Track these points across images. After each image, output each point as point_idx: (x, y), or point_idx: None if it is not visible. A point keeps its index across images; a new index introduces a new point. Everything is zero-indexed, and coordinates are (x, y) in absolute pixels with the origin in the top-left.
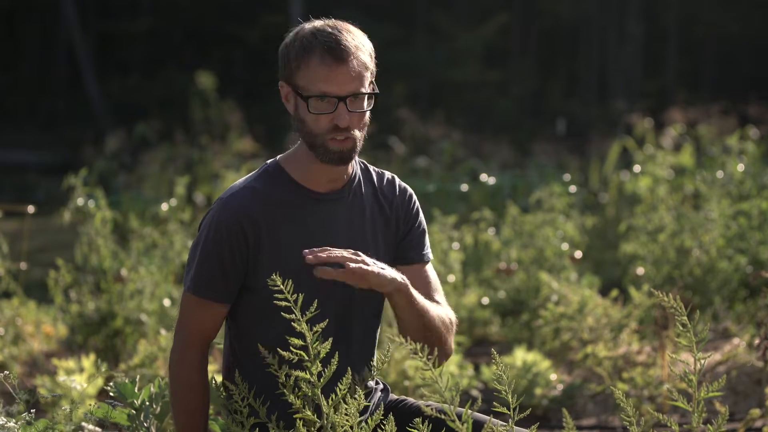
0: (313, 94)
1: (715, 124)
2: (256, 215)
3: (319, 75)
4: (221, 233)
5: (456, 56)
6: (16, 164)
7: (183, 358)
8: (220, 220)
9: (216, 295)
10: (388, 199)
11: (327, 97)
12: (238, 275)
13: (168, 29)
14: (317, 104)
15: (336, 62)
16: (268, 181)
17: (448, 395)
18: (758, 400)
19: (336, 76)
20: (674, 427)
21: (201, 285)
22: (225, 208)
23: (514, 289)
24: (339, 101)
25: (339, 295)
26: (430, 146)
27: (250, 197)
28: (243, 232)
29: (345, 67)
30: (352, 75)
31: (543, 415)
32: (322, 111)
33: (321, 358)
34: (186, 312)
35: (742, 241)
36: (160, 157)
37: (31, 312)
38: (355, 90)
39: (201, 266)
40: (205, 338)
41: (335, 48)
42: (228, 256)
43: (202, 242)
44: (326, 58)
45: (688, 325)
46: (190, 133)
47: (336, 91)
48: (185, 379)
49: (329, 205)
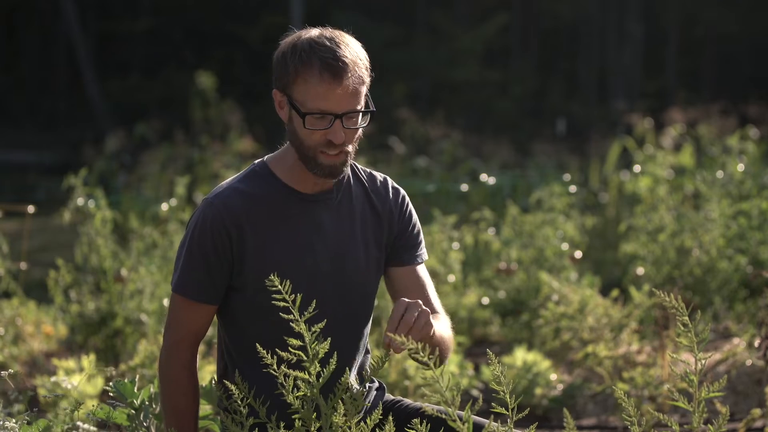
0: (310, 111)
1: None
2: (240, 216)
3: (317, 92)
4: (206, 233)
5: (456, 56)
6: (16, 164)
7: (171, 356)
8: (204, 221)
9: (202, 295)
10: (380, 200)
11: (324, 114)
12: (224, 275)
13: (168, 29)
14: (313, 121)
15: (334, 79)
16: (254, 182)
17: (448, 395)
18: (758, 400)
19: (334, 94)
20: (675, 427)
21: (186, 285)
22: (209, 208)
23: (514, 289)
24: (335, 118)
25: (329, 296)
26: (430, 146)
27: (234, 197)
28: (227, 233)
29: (343, 85)
30: (349, 92)
31: (543, 415)
32: (318, 127)
33: (320, 358)
34: (173, 312)
35: (742, 241)
36: (160, 157)
37: (31, 312)
38: (352, 107)
39: (186, 266)
40: (193, 337)
41: (333, 64)
42: (213, 256)
43: (187, 242)
44: (325, 75)
45: (689, 325)
46: (190, 133)
47: (333, 108)
48: (174, 378)
49: (317, 206)
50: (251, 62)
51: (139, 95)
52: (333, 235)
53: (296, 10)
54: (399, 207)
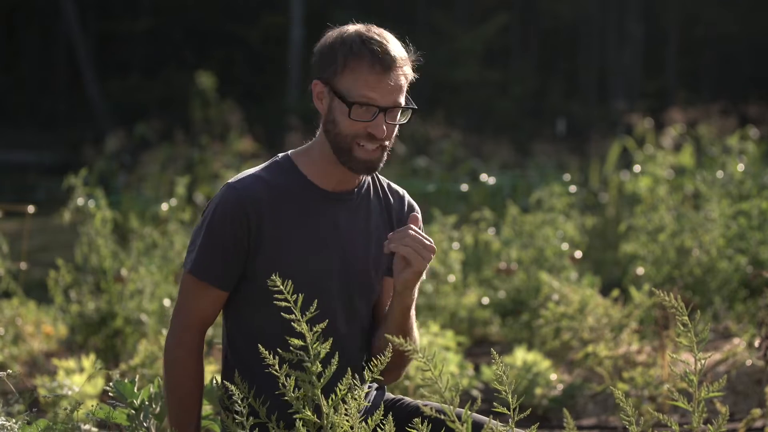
0: (357, 101)
1: (715, 124)
2: (260, 203)
3: (366, 82)
4: (225, 216)
5: (456, 56)
6: (16, 164)
7: (179, 340)
8: (225, 204)
9: (215, 278)
10: (395, 212)
11: (369, 105)
12: (239, 260)
13: (168, 29)
14: (359, 111)
15: (385, 71)
16: (276, 173)
17: (448, 395)
18: (758, 400)
19: (382, 86)
20: (674, 427)
21: (201, 266)
22: (231, 191)
23: (514, 289)
24: (379, 111)
25: (335, 294)
26: (430, 146)
27: (257, 185)
28: (246, 217)
29: (391, 77)
30: (395, 86)
31: (543, 415)
32: (362, 118)
33: (321, 358)
34: (185, 294)
35: (742, 241)
36: (160, 157)
37: (31, 312)
38: (397, 101)
39: (203, 247)
40: (202, 323)
41: (384, 57)
42: (230, 239)
43: (206, 224)
44: (376, 66)
45: (689, 325)
46: (190, 133)
47: (379, 100)
48: (180, 361)
49: (336, 205)
50: (251, 62)
51: (139, 95)
52: (347, 235)
53: (296, 10)
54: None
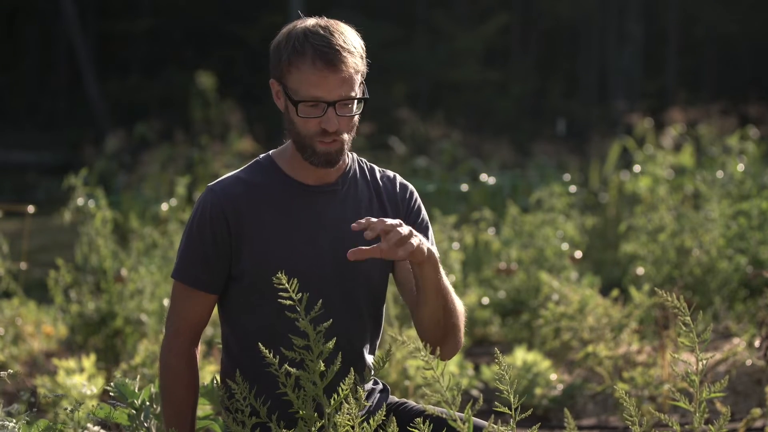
0: (303, 99)
1: (715, 124)
2: (239, 203)
3: (309, 80)
4: (204, 219)
5: (456, 56)
6: (16, 164)
7: (171, 347)
8: (204, 207)
9: (200, 282)
10: (387, 195)
11: (317, 101)
12: (222, 262)
13: (168, 29)
14: (306, 109)
15: (327, 67)
16: (256, 172)
17: (449, 395)
18: (758, 400)
19: (326, 82)
20: (675, 426)
21: (185, 271)
22: (209, 194)
23: (514, 289)
24: (328, 106)
25: (330, 288)
26: (430, 146)
27: (235, 185)
28: (225, 219)
29: (335, 72)
30: (342, 79)
31: (543, 415)
32: (311, 115)
33: (324, 357)
34: (174, 300)
35: (742, 241)
36: (160, 157)
37: (31, 312)
38: (345, 95)
39: (185, 252)
40: (194, 327)
41: (326, 52)
42: (210, 242)
43: (187, 229)
44: (317, 63)
45: (690, 325)
46: (190, 133)
47: (325, 96)
48: (173, 367)
49: (320, 198)
50: (251, 62)
51: (139, 95)
52: (336, 226)
53: (295, 10)
54: (407, 202)
